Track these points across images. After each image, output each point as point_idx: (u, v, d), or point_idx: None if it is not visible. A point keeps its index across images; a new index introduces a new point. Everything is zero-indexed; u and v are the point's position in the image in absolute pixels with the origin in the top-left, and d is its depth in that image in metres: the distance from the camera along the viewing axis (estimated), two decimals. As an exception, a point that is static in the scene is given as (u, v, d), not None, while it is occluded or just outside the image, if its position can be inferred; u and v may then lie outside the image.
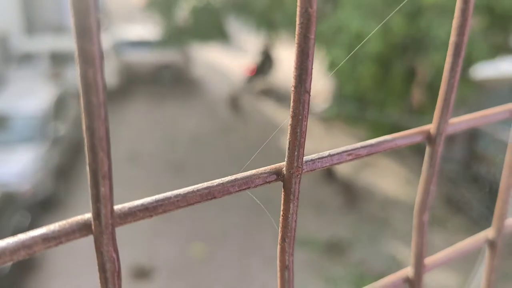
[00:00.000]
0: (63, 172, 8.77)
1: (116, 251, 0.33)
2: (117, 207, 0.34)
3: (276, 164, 0.41)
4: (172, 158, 10.09)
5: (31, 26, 17.07)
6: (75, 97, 10.69)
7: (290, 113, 0.39)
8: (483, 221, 7.36)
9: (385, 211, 8.41)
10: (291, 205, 0.42)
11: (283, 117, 12.57)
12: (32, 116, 8.69)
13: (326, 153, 0.44)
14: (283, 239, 0.43)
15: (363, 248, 7.45)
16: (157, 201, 0.35)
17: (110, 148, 0.30)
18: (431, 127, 0.50)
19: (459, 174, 8.04)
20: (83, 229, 0.32)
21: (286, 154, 0.40)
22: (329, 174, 9.06)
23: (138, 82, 13.86)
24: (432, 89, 6.04)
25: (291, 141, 0.39)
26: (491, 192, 8.24)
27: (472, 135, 7.46)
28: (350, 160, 0.45)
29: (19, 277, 6.19)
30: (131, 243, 6.91)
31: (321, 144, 10.04)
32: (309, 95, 0.38)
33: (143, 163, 9.73)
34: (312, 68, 0.37)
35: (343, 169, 9.64)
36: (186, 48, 13.22)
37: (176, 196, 0.36)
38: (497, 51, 5.74)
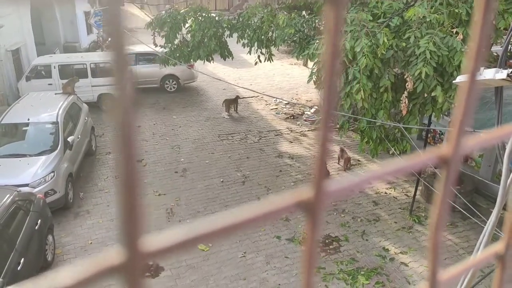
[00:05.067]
0: (74, 178, 8.75)
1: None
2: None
3: (298, 191, 0.38)
4: (176, 164, 10.08)
5: (44, 41, 17.08)
6: (84, 108, 10.66)
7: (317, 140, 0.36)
8: (467, 218, 7.33)
9: (375, 209, 8.37)
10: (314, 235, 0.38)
11: (281, 121, 12.57)
12: (45, 127, 8.74)
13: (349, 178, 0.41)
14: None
15: (354, 246, 7.40)
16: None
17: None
18: (445, 149, 0.47)
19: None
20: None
21: (312, 182, 0.37)
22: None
23: (142, 93, 13.82)
24: (419, 98, 6.03)
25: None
26: (475, 189, 8.22)
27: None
28: (370, 186, 0.42)
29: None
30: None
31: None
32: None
33: (148, 170, 9.71)
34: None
35: (336, 169, 9.61)
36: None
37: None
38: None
